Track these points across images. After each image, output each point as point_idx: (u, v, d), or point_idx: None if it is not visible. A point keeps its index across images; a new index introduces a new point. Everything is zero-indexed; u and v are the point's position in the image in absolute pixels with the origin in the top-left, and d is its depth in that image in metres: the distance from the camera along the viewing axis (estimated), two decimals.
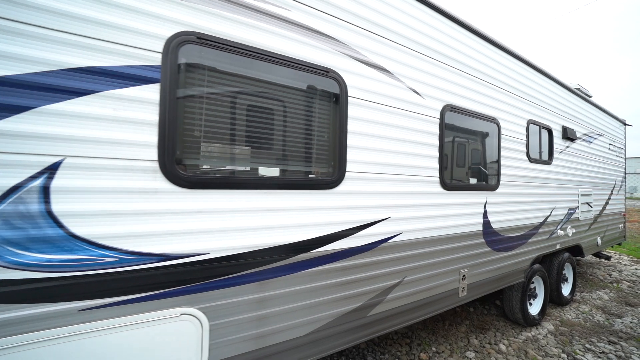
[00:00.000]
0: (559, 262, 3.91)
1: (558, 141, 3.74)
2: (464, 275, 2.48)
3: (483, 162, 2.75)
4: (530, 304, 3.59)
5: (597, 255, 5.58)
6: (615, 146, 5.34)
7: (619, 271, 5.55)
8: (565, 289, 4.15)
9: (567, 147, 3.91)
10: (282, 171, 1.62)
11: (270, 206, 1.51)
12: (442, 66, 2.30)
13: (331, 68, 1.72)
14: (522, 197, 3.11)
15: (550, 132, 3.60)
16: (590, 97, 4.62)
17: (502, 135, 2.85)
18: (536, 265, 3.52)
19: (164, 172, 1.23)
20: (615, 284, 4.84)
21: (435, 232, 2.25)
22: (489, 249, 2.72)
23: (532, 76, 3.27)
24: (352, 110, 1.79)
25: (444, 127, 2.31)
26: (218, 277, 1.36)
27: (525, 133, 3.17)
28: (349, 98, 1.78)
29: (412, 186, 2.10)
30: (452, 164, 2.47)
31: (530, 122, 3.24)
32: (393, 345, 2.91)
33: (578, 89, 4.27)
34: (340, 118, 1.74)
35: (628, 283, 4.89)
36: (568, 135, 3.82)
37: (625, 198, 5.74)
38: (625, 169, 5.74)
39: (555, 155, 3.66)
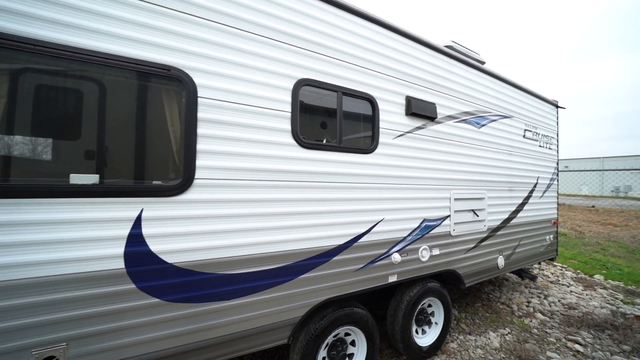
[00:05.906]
0: (411, 298, 2.66)
1: (395, 119, 2.48)
2: (51, 357, 1.27)
3: (126, 143, 1.53)
4: None
5: (519, 274, 4.30)
6: (536, 134, 4.01)
7: (544, 296, 4.22)
8: (428, 337, 2.88)
9: (419, 128, 2.64)
10: None
11: None
12: None
13: None
14: (275, 206, 1.87)
15: (372, 103, 2.35)
16: (482, 63, 3.34)
17: (202, 100, 1.62)
18: (355, 309, 2.29)
19: None
20: (524, 319, 3.54)
21: None
22: (154, 300, 1.50)
23: (304, 7, 2.02)
24: None
25: None
26: None
27: (289, 100, 1.94)
28: None
29: None
30: None
31: (304, 83, 1.99)
32: None
33: (450, 47, 2.98)
34: None
35: (543, 317, 3.58)
36: (414, 110, 2.56)
37: (557, 201, 4.41)
38: (557, 164, 4.41)
39: (385, 139, 2.41)
